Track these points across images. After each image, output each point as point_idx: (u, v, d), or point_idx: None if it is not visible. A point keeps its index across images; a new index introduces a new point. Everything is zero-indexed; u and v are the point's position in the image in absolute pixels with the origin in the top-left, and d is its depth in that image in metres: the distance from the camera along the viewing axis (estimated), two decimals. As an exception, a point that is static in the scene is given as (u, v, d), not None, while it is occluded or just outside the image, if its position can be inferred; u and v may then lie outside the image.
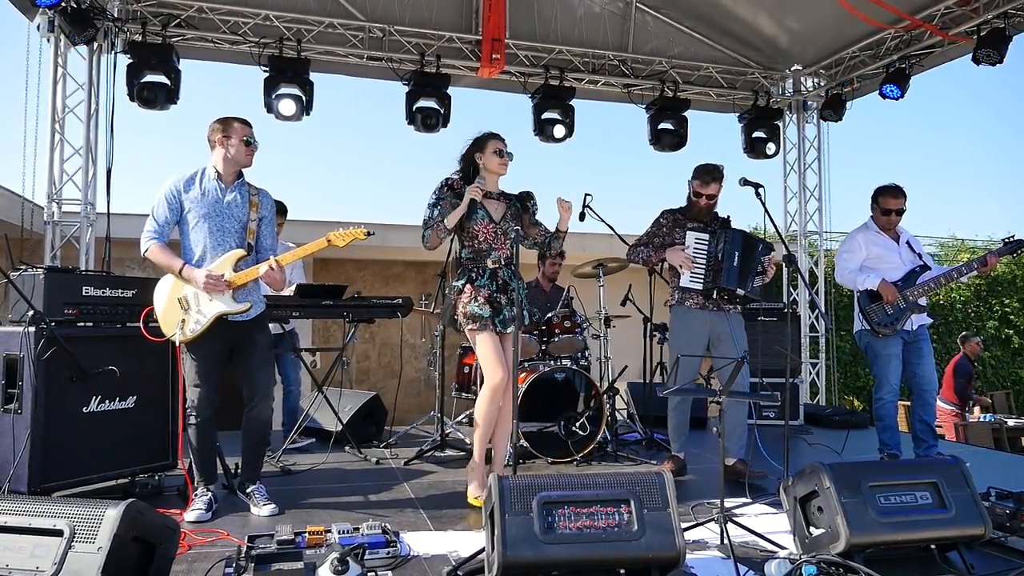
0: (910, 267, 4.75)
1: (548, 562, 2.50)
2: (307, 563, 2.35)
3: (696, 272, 4.39)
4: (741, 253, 4.35)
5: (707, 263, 4.40)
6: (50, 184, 6.15)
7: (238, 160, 3.71)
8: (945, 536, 2.93)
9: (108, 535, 2.16)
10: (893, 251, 4.81)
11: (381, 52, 7.05)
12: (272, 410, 3.87)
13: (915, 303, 4.65)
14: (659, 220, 4.62)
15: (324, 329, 10.66)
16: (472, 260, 3.95)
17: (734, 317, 4.49)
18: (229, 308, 3.59)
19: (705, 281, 4.38)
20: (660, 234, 4.58)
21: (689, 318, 4.48)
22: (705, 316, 4.45)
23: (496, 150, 3.97)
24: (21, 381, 3.51)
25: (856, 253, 4.85)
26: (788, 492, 3.16)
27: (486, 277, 3.91)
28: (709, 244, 4.40)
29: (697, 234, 4.43)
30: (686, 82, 7.90)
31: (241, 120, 3.73)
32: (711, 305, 4.45)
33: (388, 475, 4.63)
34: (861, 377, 11.95)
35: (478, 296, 3.86)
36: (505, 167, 4.02)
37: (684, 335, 4.47)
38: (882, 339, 4.70)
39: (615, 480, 2.71)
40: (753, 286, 4.44)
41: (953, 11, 6.43)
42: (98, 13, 6.06)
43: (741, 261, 4.34)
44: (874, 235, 4.86)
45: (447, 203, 3.91)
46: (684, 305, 4.50)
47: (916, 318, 4.73)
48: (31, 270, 3.73)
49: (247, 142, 3.70)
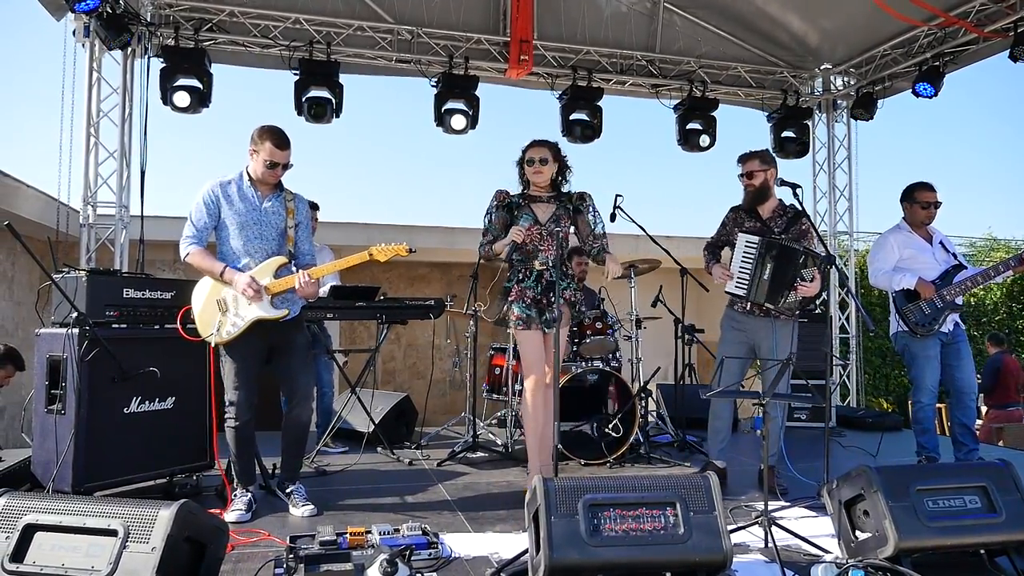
0: (945, 267, 4.68)
1: (595, 565, 2.49)
2: (356, 564, 2.36)
3: (742, 278, 4.22)
4: (773, 268, 4.11)
5: (753, 268, 4.17)
6: (85, 187, 6.23)
7: (261, 178, 3.69)
8: (995, 541, 2.88)
9: (162, 535, 2.18)
10: (927, 251, 4.74)
11: (410, 54, 7.07)
12: (312, 411, 3.90)
13: (952, 302, 4.58)
14: (724, 219, 4.50)
15: (350, 330, 10.71)
16: (521, 262, 4.12)
17: (782, 324, 4.27)
18: (267, 314, 3.60)
19: (748, 288, 4.20)
20: (725, 232, 4.48)
21: (735, 323, 4.39)
22: (751, 322, 4.32)
23: (528, 159, 4.14)
24: (64, 382, 3.56)
25: (890, 254, 4.78)
26: (832, 495, 3.12)
27: (532, 279, 4.06)
28: (758, 248, 4.17)
29: (748, 236, 4.23)
30: (714, 82, 7.85)
31: (275, 141, 3.62)
32: (757, 310, 4.29)
33: (422, 476, 4.64)
34: (891, 379, 11.81)
35: (524, 297, 4.02)
36: (540, 175, 4.13)
37: (728, 339, 4.39)
38: (920, 340, 4.63)
39: (660, 483, 2.70)
40: (787, 302, 4.18)
41: (989, 7, 6.33)
42: (132, 18, 6.14)
43: (772, 276, 4.12)
44: (907, 236, 4.78)
45: (496, 219, 4.16)
46: (733, 308, 4.41)
47: (953, 318, 4.65)
48: (73, 272, 3.78)
49: (269, 165, 3.63)
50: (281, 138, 3.65)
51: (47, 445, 3.61)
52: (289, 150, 3.68)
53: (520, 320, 4.01)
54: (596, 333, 5.36)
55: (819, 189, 8.43)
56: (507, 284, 4.14)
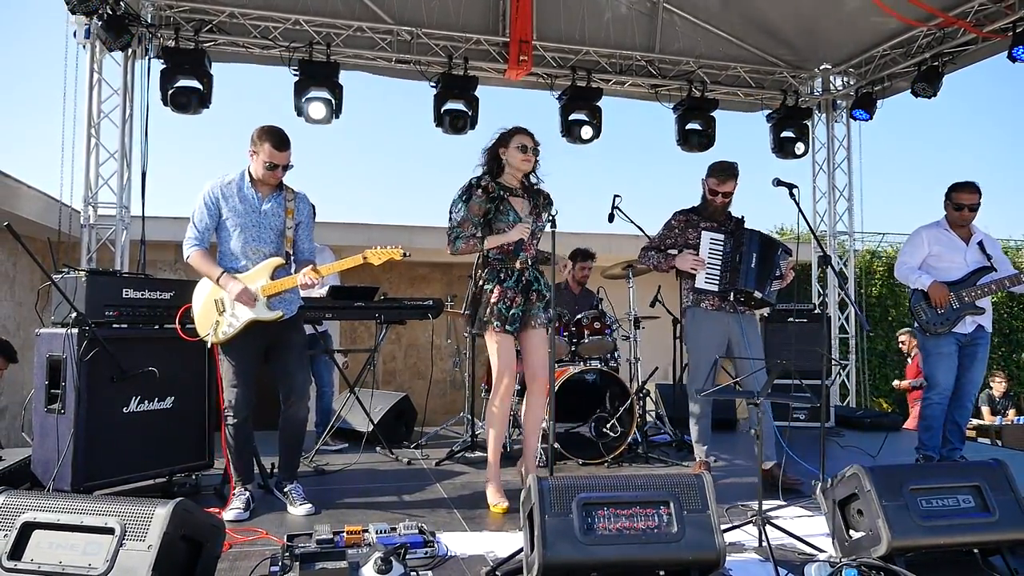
0: (974, 268, 4.64)
1: (588, 563, 2.50)
2: (351, 562, 2.38)
3: (712, 273, 4.30)
4: (759, 254, 4.27)
5: (723, 264, 4.31)
6: (86, 188, 6.26)
7: (261, 179, 3.69)
8: (989, 540, 2.89)
9: (158, 533, 2.20)
10: (958, 250, 4.69)
11: (409, 55, 7.10)
12: (308, 410, 3.91)
13: (971, 304, 4.57)
14: (671, 222, 4.51)
15: (351, 330, 10.73)
16: (500, 260, 3.86)
17: (748, 320, 4.41)
18: (262, 316, 3.62)
19: (722, 282, 4.30)
20: (672, 236, 4.49)
21: (706, 320, 4.39)
22: (721, 318, 4.36)
23: (520, 145, 3.80)
24: (64, 382, 3.58)
25: (919, 249, 4.76)
26: (826, 495, 3.13)
27: (513, 278, 3.84)
28: (724, 244, 4.32)
29: (712, 234, 4.34)
30: (714, 82, 7.87)
31: (275, 142, 3.61)
32: (727, 307, 4.36)
33: (420, 476, 4.66)
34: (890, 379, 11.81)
35: (505, 297, 3.80)
36: (529, 163, 3.84)
37: (701, 338, 4.39)
38: (933, 338, 4.63)
39: (654, 481, 2.71)
40: (771, 290, 4.34)
41: (988, 7, 6.34)
42: (133, 19, 6.17)
43: (759, 263, 4.26)
44: (941, 232, 4.74)
45: (476, 206, 3.77)
46: (700, 307, 4.40)
47: (972, 319, 4.63)
48: (73, 273, 3.80)
49: (268, 167, 3.63)
50: (280, 139, 3.64)
51: (47, 444, 3.63)
52: (289, 151, 3.67)
53: (498, 319, 3.76)
54: (594, 333, 5.37)
55: (819, 189, 8.45)
56: (485, 285, 3.84)
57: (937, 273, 4.66)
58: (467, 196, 3.79)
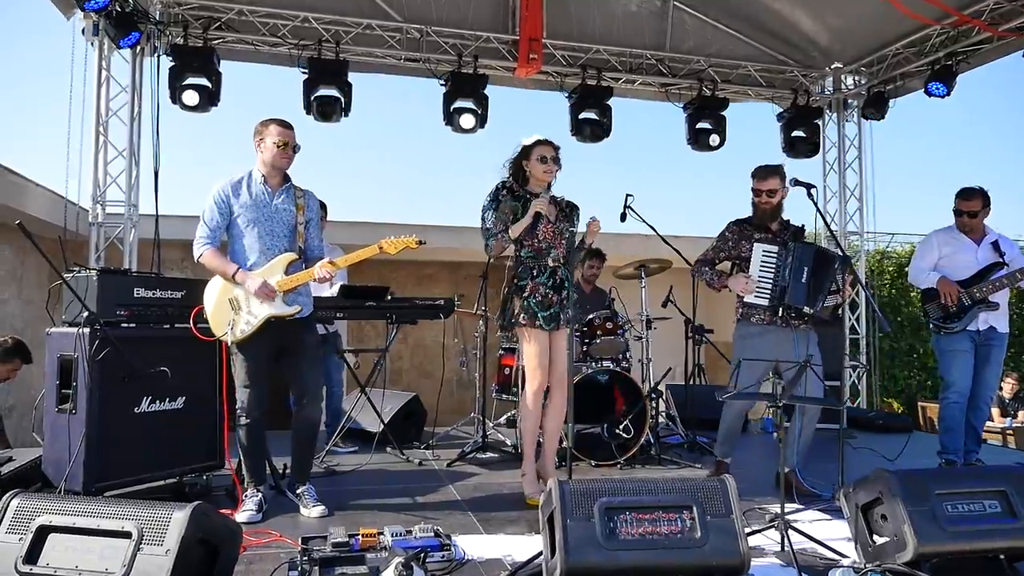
0: (985, 265, 4.66)
1: (611, 568, 2.46)
2: (371, 567, 2.34)
3: (763, 287, 4.12)
4: (811, 268, 4.07)
5: (775, 277, 4.10)
6: (95, 186, 6.23)
7: (272, 163, 3.67)
8: (1015, 546, 2.85)
9: (176, 537, 2.16)
10: (969, 251, 4.73)
11: (418, 53, 7.05)
12: (321, 411, 3.88)
13: (983, 299, 4.59)
14: (724, 233, 4.35)
15: (358, 330, 10.70)
16: (533, 258, 3.96)
17: (802, 335, 4.20)
18: (280, 311, 3.60)
19: (772, 297, 4.11)
20: (726, 248, 4.33)
21: (753, 339, 4.19)
22: (772, 336, 4.16)
23: (540, 157, 3.96)
24: (75, 381, 3.55)
25: (931, 252, 4.83)
26: (849, 499, 3.08)
27: (547, 275, 3.94)
28: (778, 257, 4.11)
29: (765, 246, 4.14)
30: (724, 81, 7.82)
31: (279, 122, 3.69)
32: (779, 321, 4.16)
33: (432, 477, 4.62)
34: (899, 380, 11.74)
35: (536, 294, 3.91)
36: (551, 174, 4.00)
37: (748, 354, 4.12)
38: (946, 336, 4.65)
39: (676, 486, 2.67)
40: (823, 305, 4.13)
41: (1003, 6, 6.27)
42: (141, 16, 6.13)
43: (811, 277, 4.07)
44: (950, 235, 4.81)
45: (505, 207, 3.92)
46: (750, 321, 4.21)
47: (985, 318, 4.64)
48: (84, 272, 3.76)
49: (279, 144, 3.64)
50: (284, 120, 3.71)
51: (58, 445, 3.60)
52: (294, 131, 3.72)
53: (530, 315, 3.85)
54: (606, 334, 5.33)
55: (829, 189, 8.39)
56: (520, 282, 3.95)
57: (949, 273, 4.70)
58: (495, 199, 3.96)
